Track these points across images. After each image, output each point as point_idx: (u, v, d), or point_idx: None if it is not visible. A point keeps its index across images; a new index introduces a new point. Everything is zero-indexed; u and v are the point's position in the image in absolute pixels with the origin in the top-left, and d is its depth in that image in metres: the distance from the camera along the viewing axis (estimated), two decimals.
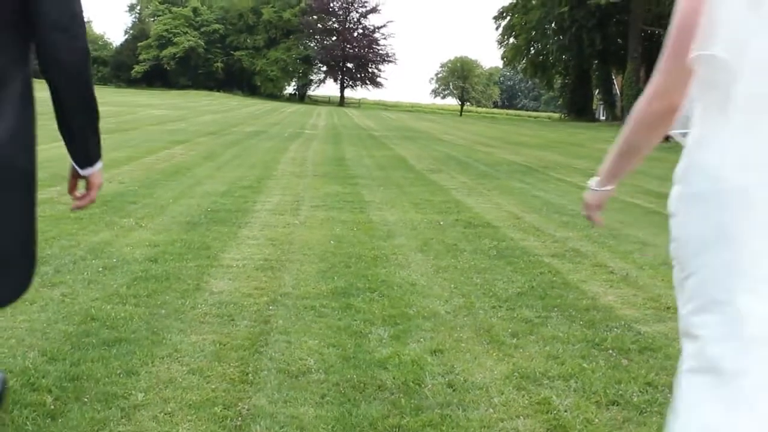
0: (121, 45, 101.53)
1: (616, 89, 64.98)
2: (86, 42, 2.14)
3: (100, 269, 5.07)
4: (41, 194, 7.89)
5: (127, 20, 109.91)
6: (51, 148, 7.26)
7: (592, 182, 2.14)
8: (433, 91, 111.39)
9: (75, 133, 2.28)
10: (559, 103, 72.18)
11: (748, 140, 1.56)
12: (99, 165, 2.39)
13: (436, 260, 5.88)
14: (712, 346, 1.53)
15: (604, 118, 62.86)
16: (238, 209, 7.90)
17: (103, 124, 2.41)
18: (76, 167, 2.36)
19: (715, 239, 1.55)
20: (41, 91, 2.17)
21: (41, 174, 2.64)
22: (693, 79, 1.67)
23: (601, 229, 7.69)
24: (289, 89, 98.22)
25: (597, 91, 65.40)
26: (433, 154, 17.96)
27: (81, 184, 2.46)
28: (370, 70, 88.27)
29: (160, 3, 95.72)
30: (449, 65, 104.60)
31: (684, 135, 1.72)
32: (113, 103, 39.84)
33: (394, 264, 5.69)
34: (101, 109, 2.35)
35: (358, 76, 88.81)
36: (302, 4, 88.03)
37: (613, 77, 64.44)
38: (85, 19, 2.17)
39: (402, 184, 10.99)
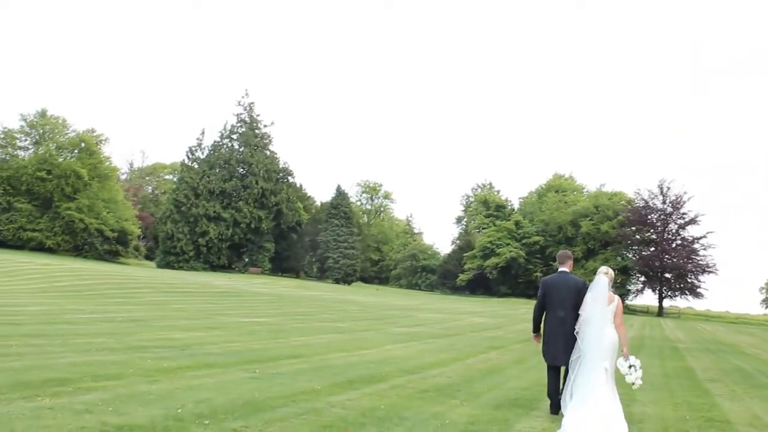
0: (449, 255, 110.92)
1: None
2: None
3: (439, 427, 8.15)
4: None
5: (454, 231, 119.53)
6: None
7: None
8: (764, 300, 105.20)
9: None
10: None
11: (585, 328, 8.98)
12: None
13: None
14: None
15: None
16: (534, 398, 10.70)
17: (430, 330, 5.67)
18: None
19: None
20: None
21: None
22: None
23: None
24: None
25: None
26: (723, 366, 19.51)
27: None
28: (689, 280, 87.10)
29: (485, 217, 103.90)
30: None
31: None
32: (440, 309, 44.62)
33: None
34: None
35: (677, 286, 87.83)
36: (620, 217, 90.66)
37: None
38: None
39: (674, 389, 13.13)
